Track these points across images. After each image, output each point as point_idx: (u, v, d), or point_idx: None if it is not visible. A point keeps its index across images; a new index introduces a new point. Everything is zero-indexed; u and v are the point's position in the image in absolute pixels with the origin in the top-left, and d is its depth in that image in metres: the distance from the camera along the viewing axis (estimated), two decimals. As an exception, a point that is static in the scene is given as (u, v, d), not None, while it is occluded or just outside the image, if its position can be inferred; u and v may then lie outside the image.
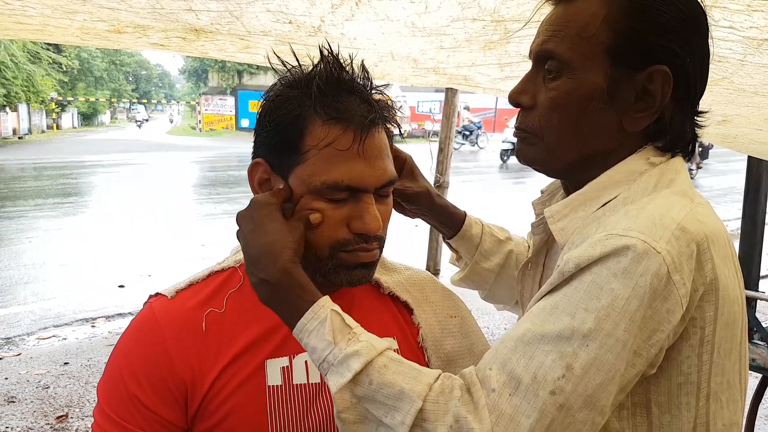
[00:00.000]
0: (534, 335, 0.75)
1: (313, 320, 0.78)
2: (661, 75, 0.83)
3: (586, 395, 0.72)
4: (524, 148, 0.93)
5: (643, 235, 0.75)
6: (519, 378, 0.72)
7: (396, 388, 0.73)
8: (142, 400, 0.87)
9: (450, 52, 1.71)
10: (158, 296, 0.96)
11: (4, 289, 5.57)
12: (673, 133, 0.87)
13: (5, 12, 1.53)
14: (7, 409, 3.43)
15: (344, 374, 0.74)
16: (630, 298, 0.73)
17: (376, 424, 0.74)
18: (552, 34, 0.87)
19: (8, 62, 23.18)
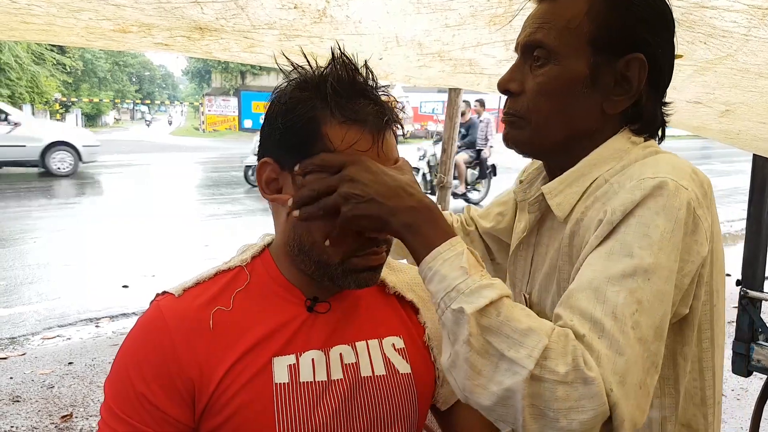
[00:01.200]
0: (600, 280, 0.80)
1: (451, 250, 0.80)
2: (638, 62, 0.93)
3: (655, 326, 0.79)
4: (512, 132, 1.01)
5: (670, 175, 0.85)
6: (601, 322, 0.77)
7: (523, 324, 0.75)
8: (149, 398, 0.87)
9: (455, 30, 1.70)
10: (165, 295, 0.96)
11: (9, 289, 5.59)
12: (646, 117, 0.98)
13: (11, 11, 1.53)
14: (12, 408, 3.44)
15: (476, 301, 0.76)
16: (674, 230, 0.82)
17: (498, 357, 0.75)
18: (539, 26, 0.96)
19: (13, 63, 23.23)
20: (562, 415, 0.72)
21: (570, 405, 0.72)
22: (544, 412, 0.73)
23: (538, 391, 0.72)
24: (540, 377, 0.72)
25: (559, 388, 0.72)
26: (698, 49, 1.56)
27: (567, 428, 0.72)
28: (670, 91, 1.01)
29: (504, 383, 0.74)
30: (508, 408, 0.74)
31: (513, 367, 0.73)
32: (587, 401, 0.71)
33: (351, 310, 1.01)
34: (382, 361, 0.99)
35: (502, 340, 0.75)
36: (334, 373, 0.95)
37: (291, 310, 0.96)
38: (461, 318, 0.76)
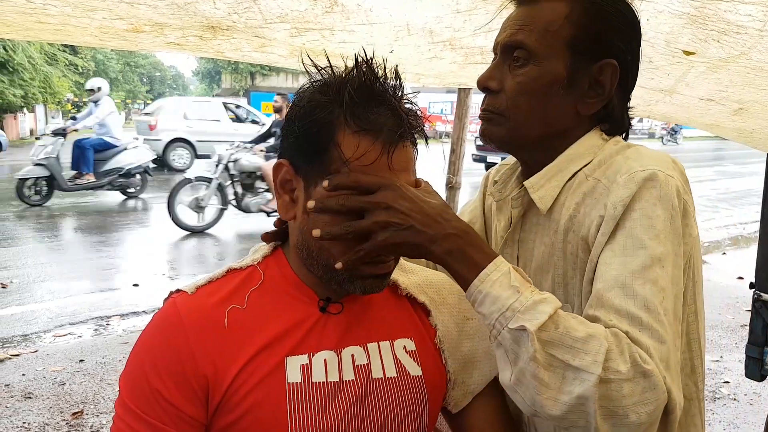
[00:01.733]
0: (624, 276, 0.85)
1: (497, 271, 0.83)
2: (611, 67, 0.99)
3: (674, 309, 0.85)
4: (490, 128, 1.05)
5: (656, 166, 0.90)
6: (637, 316, 0.81)
7: (582, 332, 0.78)
8: (164, 394, 0.88)
9: (466, 16, 1.69)
10: (179, 292, 0.96)
11: (22, 287, 5.63)
12: (616, 118, 1.05)
13: (26, 11, 1.55)
14: (24, 404, 3.47)
15: (536, 318, 0.79)
16: (672, 217, 0.88)
17: (563, 368, 0.78)
18: (520, 27, 1.00)
19: (26, 64, 23.43)
20: (630, 410, 0.76)
21: (636, 400, 0.76)
22: (614, 411, 0.76)
23: (607, 393, 0.76)
24: (607, 379, 0.75)
25: (624, 386, 0.75)
26: (711, 47, 1.55)
27: (636, 422, 0.76)
28: (684, 87, 1.03)
29: (574, 392, 0.77)
30: (579, 414, 0.77)
31: (581, 375, 0.76)
32: (650, 393, 0.76)
33: (363, 311, 1.01)
34: (394, 363, 0.99)
35: (566, 351, 0.77)
36: (346, 373, 0.95)
37: (304, 309, 0.96)
38: (522, 336, 0.79)
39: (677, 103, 2.25)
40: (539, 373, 0.78)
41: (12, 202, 10.05)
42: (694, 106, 2.22)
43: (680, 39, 1.54)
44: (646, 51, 1.60)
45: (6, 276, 5.92)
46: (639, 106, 2.40)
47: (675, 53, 1.65)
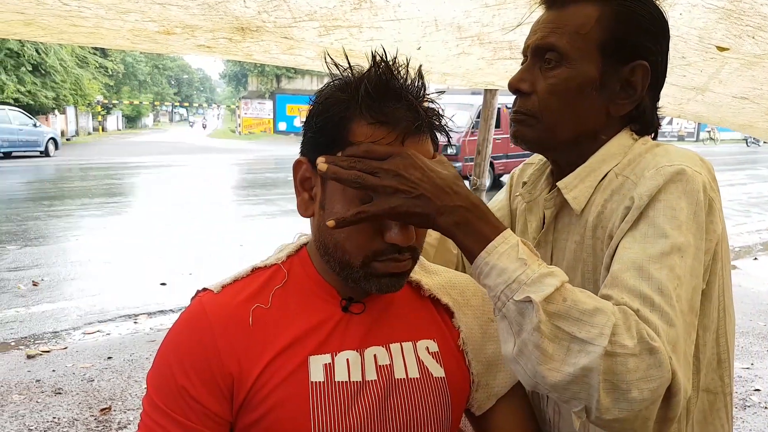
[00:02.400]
0: (642, 260, 0.85)
1: (505, 243, 0.83)
2: (642, 69, 1.00)
3: (689, 300, 0.85)
4: (522, 129, 1.06)
5: (684, 163, 0.92)
6: (650, 297, 0.81)
7: (590, 305, 0.78)
8: (190, 392, 0.89)
9: (495, 11, 1.69)
10: (205, 291, 0.97)
11: (52, 285, 5.74)
12: (646, 119, 1.05)
13: (62, 14, 1.58)
14: (54, 399, 3.53)
15: (542, 290, 0.78)
16: (697, 212, 0.89)
17: (569, 340, 0.78)
18: (551, 30, 1.01)
19: (58, 66, 23.96)
20: (634, 386, 0.75)
21: (640, 375, 0.75)
22: (617, 385, 0.76)
23: (611, 367, 0.75)
24: (613, 352, 0.75)
25: (630, 361, 0.75)
26: (745, 43, 1.52)
27: (639, 398, 0.76)
28: (717, 84, 1.02)
29: (579, 363, 0.76)
30: (582, 386, 0.77)
31: (586, 347, 0.76)
32: (655, 370, 0.76)
33: (385, 311, 1.01)
34: (416, 364, 0.99)
35: (572, 323, 0.77)
36: (368, 374, 0.95)
37: (327, 309, 0.96)
38: (527, 307, 0.78)
39: (709, 102, 2.21)
40: (542, 343, 0.78)
41: (43, 202, 10.27)
42: (727, 105, 2.18)
43: (714, 34, 1.51)
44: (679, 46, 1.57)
45: (37, 274, 6.04)
46: (670, 105, 2.36)
47: (708, 49, 1.62)
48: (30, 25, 1.74)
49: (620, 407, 0.76)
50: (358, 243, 0.89)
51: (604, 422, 0.79)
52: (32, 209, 9.58)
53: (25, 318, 4.87)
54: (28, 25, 1.73)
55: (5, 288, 5.59)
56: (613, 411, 0.77)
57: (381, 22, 1.76)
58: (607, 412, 0.77)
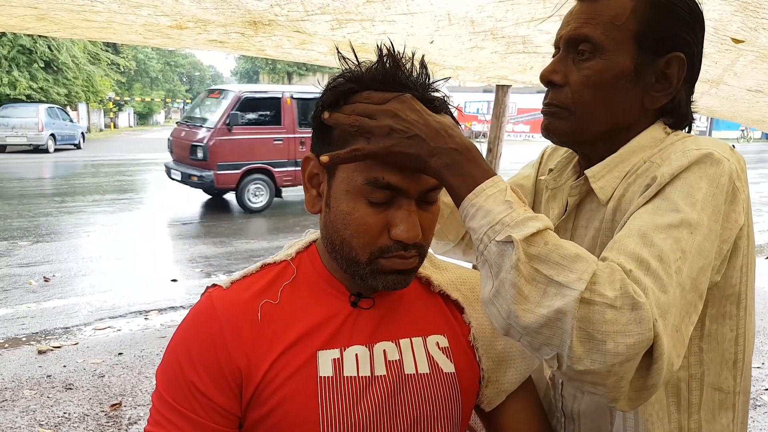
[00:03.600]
0: (648, 228, 0.83)
1: (494, 186, 0.81)
2: (678, 61, 0.98)
3: (692, 278, 0.81)
4: (554, 122, 1.04)
5: (713, 148, 0.89)
6: (647, 261, 0.78)
7: (572, 251, 0.76)
8: (199, 387, 0.89)
9: (509, 5, 1.67)
10: (215, 287, 0.97)
11: (64, 281, 5.78)
12: (681, 112, 1.03)
13: (74, 8, 1.58)
14: (65, 395, 3.55)
15: (524, 230, 0.77)
16: (716, 194, 0.86)
17: (546, 283, 0.75)
18: (585, 21, 0.99)
19: (70, 63, 24.14)
20: (609, 338, 0.72)
21: (617, 329, 0.72)
22: (591, 335, 0.73)
23: (587, 314, 0.72)
24: (590, 300, 0.73)
25: (608, 311, 0.72)
26: (761, 36, 1.50)
27: (613, 351, 0.72)
28: (731, 77, 1.01)
29: (554, 305, 0.74)
30: (555, 330, 0.74)
31: (563, 291, 0.74)
32: (635, 326, 0.72)
33: (395, 307, 1.00)
34: (426, 360, 0.98)
35: (551, 266, 0.75)
36: (377, 369, 0.94)
37: (335, 304, 0.96)
38: (507, 248, 0.77)
39: (723, 96, 2.19)
40: (519, 282, 0.75)
41: (55, 198, 10.35)
42: (741, 99, 2.15)
43: (729, 27, 1.50)
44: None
45: (49, 270, 6.08)
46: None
47: (723, 41, 1.60)
48: (43, 20, 1.74)
49: (593, 358, 0.73)
50: (364, 240, 0.89)
51: (575, 373, 0.75)
52: (44, 205, 9.65)
53: (36, 314, 4.91)
54: (41, 20, 1.73)
55: (17, 284, 5.64)
56: (585, 361, 0.73)
57: (394, 16, 1.75)
58: (579, 362, 0.73)
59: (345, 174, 0.88)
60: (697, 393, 0.98)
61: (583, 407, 1.06)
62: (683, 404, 0.96)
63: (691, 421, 0.97)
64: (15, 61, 21.70)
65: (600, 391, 0.76)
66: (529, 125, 32.08)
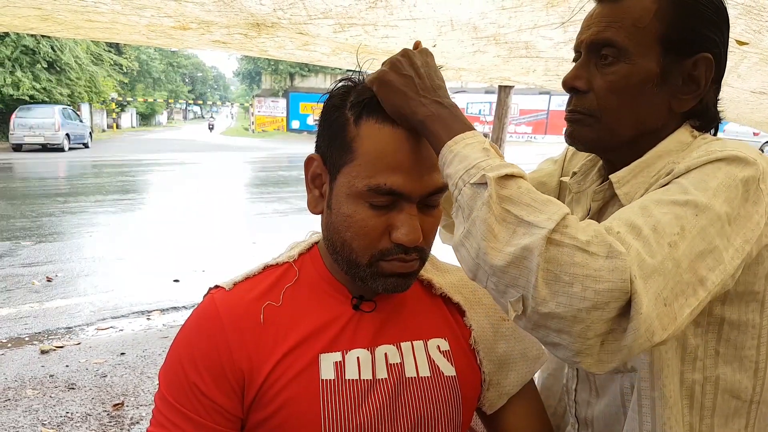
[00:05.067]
0: (650, 201, 0.81)
1: (473, 138, 0.82)
2: (705, 62, 0.95)
3: (691, 258, 0.77)
4: (579, 129, 1.02)
5: (739, 149, 0.86)
6: (640, 227, 0.76)
7: (544, 196, 0.75)
8: (201, 388, 0.89)
9: (511, 13, 1.68)
10: (217, 288, 0.98)
11: (66, 281, 5.78)
12: (709, 114, 1.00)
13: (78, 9, 1.58)
14: (67, 395, 3.55)
15: (498, 171, 0.75)
16: (731, 187, 0.82)
17: (515, 224, 0.73)
18: (607, 24, 0.97)
19: (73, 64, 24.16)
20: (577, 280, 0.69)
21: (587, 272, 0.69)
22: (558, 276, 0.70)
23: (555, 255, 0.70)
24: (559, 241, 0.70)
25: (577, 254, 0.69)
26: (765, 38, 1.50)
27: (580, 295, 0.68)
28: (735, 79, 1.00)
29: (521, 243, 0.71)
30: (521, 269, 0.71)
31: (531, 230, 0.71)
32: (607, 273, 0.68)
33: (396, 310, 1.00)
34: (427, 363, 0.99)
35: (522, 207, 0.73)
36: (379, 372, 0.95)
37: (337, 307, 0.97)
38: (481, 189, 0.75)
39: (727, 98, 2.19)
40: (490, 220, 0.74)
41: (58, 198, 10.36)
42: (744, 101, 2.15)
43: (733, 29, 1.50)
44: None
45: (51, 270, 6.08)
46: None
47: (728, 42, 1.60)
48: (47, 20, 1.74)
49: (558, 300, 0.69)
50: (365, 242, 0.89)
51: (539, 317, 0.71)
52: (47, 205, 9.66)
53: (39, 313, 4.91)
54: (44, 20, 1.74)
55: (19, 283, 5.64)
56: (550, 303, 0.70)
57: (396, 21, 1.76)
58: (544, 303, 0.70)
59: (347, 178, 0.88)
60: (710, 397, 0.95)
61: (597, 413, 1.06)
62: (696, 407, 0.95)
63: (703, 424, 0.95)
64: (18, 61, 21.73)
65: (565, 340, 0.71)
66: (532, 126, 32.05)
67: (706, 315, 0.91)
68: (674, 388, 0.93)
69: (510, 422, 1.07)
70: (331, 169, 0.92)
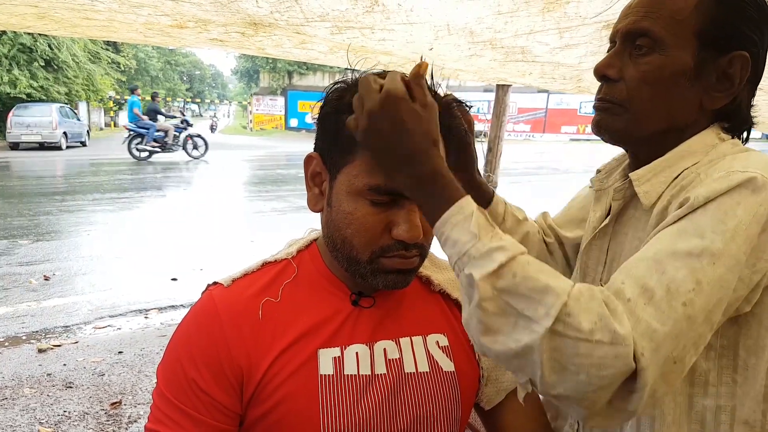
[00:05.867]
0: (665, 254, 0.78)
1: (459, 214, 0.78)
2: (741, 60, 0.93)
3: (707, 310, 0.76)
4: (607, 118, 1.00)
5: (761, 171, 0.82)
6: (653, 290, 0.75)
7: (541, 283, 0.73)
8: (199, 384, 0.89)
9: (507, 18, 1.68)
10: (216, 285, 0.98)
11: (64, 280, 5.78)
12: (741, 115, 0.98)
13: (75, 7, 1.58)
14: (65, 393, 3.55)
15: (487, 266, 0.74)
16: (752, 223, 0.79)
17: (516, 317, 0.73)
18: (645, 14, 0.95)
19: (70, 62, 24.10)
20: (582, 369, 0.71)
21: (592, 362, 0.70)
22: (565, 366, 0.71)
23: (559, 346, 0.71)
24: (562, 333, 0.71)
25: (581, 345, 0.70)
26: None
27: (586, 381, 0.71)
28: None
29: (522, 340, 0.72)
30: (526, 361, 0.73)
31: (531, 325, 0.72)
32: (611, 360, 0.70)
33: (395, 306, 1.01)
34: (426, 358, 0.99)
35: (520, 299, 0.73)
36: (378, 367, 0.95)
37: (336, 303, 0.97)
38: (473, 283, 0.75)
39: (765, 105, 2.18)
40: (485, 319, 0.74)
41: (55, 196, 10.34)
42: (767, 108, 2.15)
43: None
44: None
45: (49, 268, 6.08)
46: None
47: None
48: (43, 19, 1.74)
49: (566, 386, 0.72)
50: (365, 239, 0.89)
51: (549, 396, 0.75)
52: (44, 204, 9.64)
53: (37, 312, 4.90)
54: (41, 18, 1.73)
55: (17, 282, 5.63)
56: (558, 388, 0.73)
57: (393, 25, 1.76)
58: (552, 388, 0.73)
59: (347, 177, 0.89)
60: (726, 427, 0.91)
61: None
62: None
63: None
64: (15, 59, 21.67)
65: (574, 410, 0.75)
66: (530, 125, 32.08)
67: (718, 337, 0.89)
68: (675, 407, 0.91)
69: (507, 418, 1.08)
70: (330, 168, 0.92)
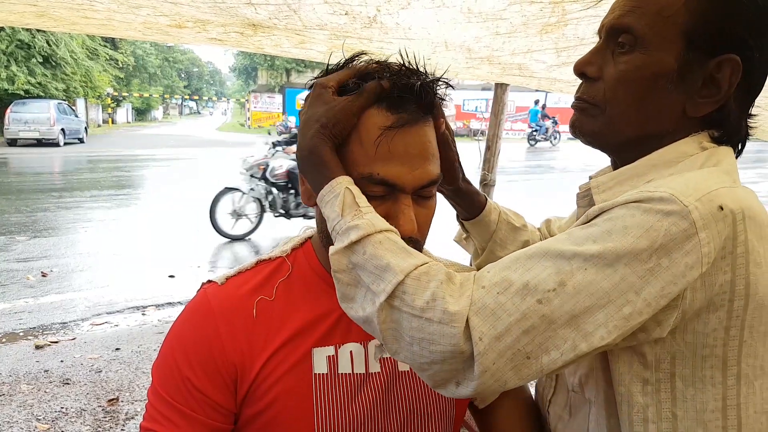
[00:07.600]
0: (538, 251, 0.78)
1: (330, 193, 0.84)
2: (731, 64, 0.84)
3: (572, 314, 0.73)
4: (582, 119, 0.94)
5: (672, 191, 0.76)
6: (511, 282, 0.75)
7: (384, 261, 0.78)
8: (194, 383, 0.90)
9: (505, 38, 1.69)
10: (210, 283, 0.98)
11: (61, 276, 5.78)
12: (730, 125, 0.88)
13: (74, 6, 1.58)
14: (62, 390, 3.56)
15: (343, 241, 0.80)
16: (641, 236, 0.74)
17: (365, 289, 0.80)
18: (630, 9, 0.88)
19: (68, 58, 24.05)
20: (415, 342, 0.76)
21: (423, 336, 0.75)
22: (401, 336, 0.77)
23: (396, 318, 0.77)
24: (398, 308, 0.76)
25: (413, 320, 0.75)
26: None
27: (419, 353, 0.76)
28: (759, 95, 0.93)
29: (367, 309, 0.79)
30: (372, 327, 0.80)
31: (373, 298, 0.78)
32: (439, 337, 0.74)
33: None
34: None
35: (368, 274, 0.79)
36: (371, 366, 0.95)
37: (330, 302, 0.96)
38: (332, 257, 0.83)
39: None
40: (340, 288, 0.82)
41: (53, 193, 10.33)
42: (767, 119, 2.15)
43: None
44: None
45: (46, 265, 6.08)
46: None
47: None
48: (42, 17, 1.74)
49: (405, 354, 0.78)
50: None
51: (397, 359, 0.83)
52: (42, 200, 9.63)
53: (34, 309, 4.91)
54: (40, 16, 1.74)
55: (14, 279, 5.64)
56: (400, 355, 0.79)
57: (391, 39, 1.78)
58: (395, 354, 0.79)
59: (344, 165, 0.87)
60: None
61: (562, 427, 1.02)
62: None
63: None
64: (13, 55, 21.62)
65: (423, 376, 0.79)
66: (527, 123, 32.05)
67: (653, 371, 0.82)
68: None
69: (501, 417, 1.08)
70: None
